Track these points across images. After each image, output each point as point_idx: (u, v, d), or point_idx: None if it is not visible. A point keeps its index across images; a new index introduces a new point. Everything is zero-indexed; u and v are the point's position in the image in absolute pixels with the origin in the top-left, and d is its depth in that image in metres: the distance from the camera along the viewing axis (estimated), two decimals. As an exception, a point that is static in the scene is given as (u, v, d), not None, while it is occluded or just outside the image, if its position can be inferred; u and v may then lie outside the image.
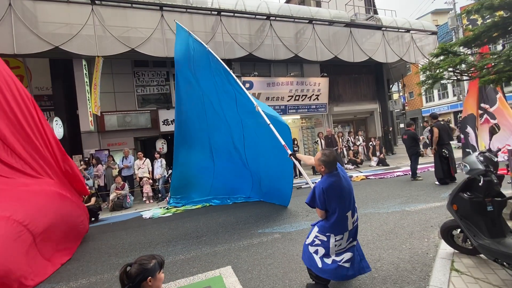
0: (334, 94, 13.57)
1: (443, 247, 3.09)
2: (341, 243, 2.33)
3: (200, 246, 4.05)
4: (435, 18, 27.04)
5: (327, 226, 2.31)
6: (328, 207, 2.28)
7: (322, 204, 2.27)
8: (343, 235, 2.32)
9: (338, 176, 2.31)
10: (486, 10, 4.03)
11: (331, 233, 2.30)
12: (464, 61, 4.70)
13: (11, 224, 3.16)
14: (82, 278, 3.37)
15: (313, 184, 2.47)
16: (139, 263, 1.48)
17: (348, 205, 2.32)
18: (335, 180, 2.28)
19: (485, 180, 2.36)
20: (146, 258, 1.52)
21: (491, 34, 4.18)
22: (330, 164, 2.32)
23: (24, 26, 7.58)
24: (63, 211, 4.17)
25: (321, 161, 2.33)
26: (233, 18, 10.19)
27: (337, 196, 2.26)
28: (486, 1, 4.00)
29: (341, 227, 2.30)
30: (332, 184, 2.26)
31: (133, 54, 8.93)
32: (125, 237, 4.88)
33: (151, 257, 1.53)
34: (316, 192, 2.29)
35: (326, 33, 11.71)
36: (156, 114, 10.60)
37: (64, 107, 9.91)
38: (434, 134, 6.36)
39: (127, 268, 1.46)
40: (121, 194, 7.40)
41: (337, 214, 2.25)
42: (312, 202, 2.35)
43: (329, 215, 2.31)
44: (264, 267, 3.16)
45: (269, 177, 6.00)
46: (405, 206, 4.97)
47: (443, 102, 26.93)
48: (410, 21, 13.80)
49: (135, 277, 1.44)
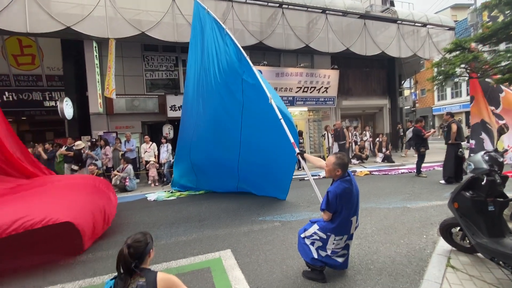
0: (343, 87, 13.36)
1: (441, 244, 3.12)
2: (339, 243, 2.40)
3: (202, 229, 4.17)
4: (455, 13, 26.06)
5: (330, 228, 2.37)
6: (338, 210, 2.33)
7: (333, 208, 2.33)
8: (343, 236, 2.38)
9: (350, 182, 2.36)
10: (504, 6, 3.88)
11: (332, 233, 2.37)
12: (477, 58, 4.56)
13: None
14: (88, 253, 3.52)
15: (313, 178, 2.52)
16: (140, 241, 1.57)
17: (354, 211, 2.38)
18: (348, 186, 2.33)
19: (488, 180, 2.35)
20: (141, 235, 1.62)
21: (509, 32, 4.03)
22: (346, 166, 2.37)
23: (37, 5, 7.61)
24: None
25: (336, 165, 2.35)
26: (245, 4, 10.01)
27: (347, 202, 2.32)
28: None
29: (343, 230, 2.37)
30: (345, 189, 2.31)
31: (143, 37, 8.91)
32: (130, 217, 5.04)
33: (143, 233, 1.64)
34: (330, 196, 2.32)
35: (339, 24, 11.43)
36: (164, 99, 10.66)
37: (74, 88, 10.05)
38: (452, 130, 6.27)
39: (129, 249, 1.51)
40: (120, 176, 7.53)
41: (342, 218, 2.32)
42: (327, 207, 2.34)
43: (334, 218, 2.36)
44: (262, 252, 3.25)
45: (268, 167, 5.44)
46: (407, 202, 4.97)
47: (455, 101, 26.25)
48: (427, 15, 13.31)
49: (141, 253, 1.54)
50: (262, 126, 4.82)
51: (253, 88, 4.55)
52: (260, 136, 5.01)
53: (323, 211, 2.38)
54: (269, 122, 4.42)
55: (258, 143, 5.17)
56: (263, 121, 4.69)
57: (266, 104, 4.14)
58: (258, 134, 5.05)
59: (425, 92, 29.32)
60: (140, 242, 1.56)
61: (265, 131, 4.82)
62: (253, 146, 5.27)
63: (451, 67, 4.82)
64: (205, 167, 6.34)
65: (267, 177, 5.61)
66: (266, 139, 4.94)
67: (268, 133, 4.76)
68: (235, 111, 5.12)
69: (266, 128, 4.69)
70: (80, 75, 10.10)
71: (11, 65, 11.17)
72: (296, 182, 7.66)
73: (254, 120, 4.95)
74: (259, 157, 5.31)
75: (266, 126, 4.67)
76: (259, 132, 5.00)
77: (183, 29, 9.00)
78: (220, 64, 5.05)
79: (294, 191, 6.41)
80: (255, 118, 4.90)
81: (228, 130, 5.40)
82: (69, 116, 9.17)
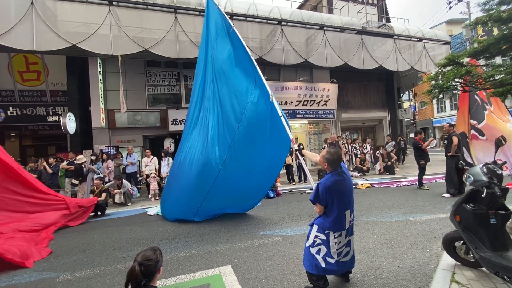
0: (343, 100, 13.53)
1: (445, 259, 3.06)
2: (340, 240, 2.37)
3: (202, 244, 4.11)
4: (450, 28, 26.70)
5: (326, 223, 2.36)
6: (329, 203, 2.32)
7: (323, 201, 2.33)
8: (341, 232, 2.36)
9: (342, 175, 2.36)
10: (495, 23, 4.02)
11: (330, 230, 2.35)
12: (470, 72, 4.67)
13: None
14: (86, 269, 3.47)
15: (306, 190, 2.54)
16: (151, 259, 1.56)
17: (348, 204, 2.37)
18: (339, 179, 2.34)
19: (488, 192, 2.35)
20: (151, 252, 1.61)
21: (501, 47, 4.14)
22: (334, 163, 2.38)
23: (44, 24, 7.89)
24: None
25: (325, 159, 2.40)
26: (245, 22, 10.33)
27: (339, 195, 2.33)
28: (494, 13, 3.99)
29: (339, 224, 2.35)
30: (336, 182, 2.33)
31: (146, 54, 9.16)
32: (130, 232, 4.99)
33: (153, 249, 1.63)
34: (320, 188, 2.35)
35: (337, 39, 11.73)
36: (166, 113, 10.81)
37: (77, 103, 10.22)
38: (454, 142, 6.27)
39: (141, 267, 1.50)
40: (122, 192, 7.55)
41: (337, 212, 2.31)
42: (316, 198, 2.39)
43: (328, 212, 2.36)
44: (263, 268, 3.19)
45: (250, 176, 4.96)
46: (409, 216, 4.91)
47: (455, 113, 26.26)
48: (422, 30, 13.68)
49: (151, 272, 1.54)
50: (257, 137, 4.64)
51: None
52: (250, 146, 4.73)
53: (314, 203, 2.41)
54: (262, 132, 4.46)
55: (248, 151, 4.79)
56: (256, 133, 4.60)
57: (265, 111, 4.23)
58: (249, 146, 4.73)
59: (424, 105, 29.59)
60: (151, 261, 1.56)
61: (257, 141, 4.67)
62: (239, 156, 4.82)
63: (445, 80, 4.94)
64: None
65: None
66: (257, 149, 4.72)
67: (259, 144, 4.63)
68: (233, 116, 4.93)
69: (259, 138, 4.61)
70: (83, 90, 10.30)
71: (16, 81, 11.42)
72: (297, 195, 7.63)
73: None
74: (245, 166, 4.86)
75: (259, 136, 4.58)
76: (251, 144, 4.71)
77: (185, 45, 9.26)
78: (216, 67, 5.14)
79: (295, 205, 6.37)
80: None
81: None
82: (71, 131, 9.27)
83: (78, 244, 4.45)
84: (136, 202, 7.92)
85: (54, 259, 3.90)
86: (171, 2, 9.24)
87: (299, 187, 9.04)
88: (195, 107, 5.64)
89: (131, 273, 1.49)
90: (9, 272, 3.50)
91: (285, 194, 7.90)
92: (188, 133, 5.61)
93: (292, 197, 7.39)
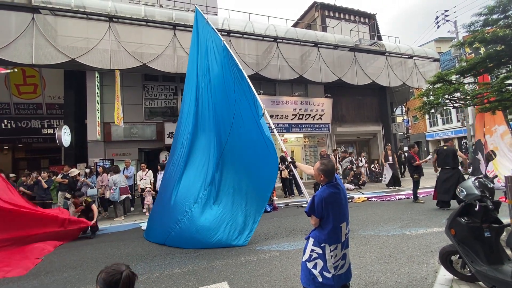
0: (337, 114, 13.78)
1: (442, 273, 3.06)
2: (336, 253, 2.35)
3: (197, 260, 4.04)
4: (438, 46, 27.79)
5: (322, 236, 2.35)
6: (325, 216, 2.33)
7: (319, 213, 2.33)
8: (336, 245, 2.35)
9: (337, 187, 2.38)
10: (480, 43, 4.24)
11: (326, 243, 2.33)
12: (458, 89, 4.85)
13: None
14: (78, 286, 3.36)
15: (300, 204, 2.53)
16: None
17: (343, 217, 2.37)
18: (334, 191, 2.35)
19: (480, 205, 2.40)
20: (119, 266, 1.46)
21: (487, 65, 4.34)
22: (329, 173, 2.40)
23: (44, 39, 8.02)
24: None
25: (320, 170, 2.41)
26: (242, 39, 10.65)
27: (335, 207, 2.33)
28: (479, 35, 4.21)
29: (334, 237, 2.34)
30: (331, 194, 2.34)
31: (144, 68, 9.31)
32: (123, 248, 4.87)
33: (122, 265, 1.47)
34: (315, 200, 2.35)
35: (331, 56, 12.11)
36: (162, 126, 10.83)
37: (73, 116, 10.21)
38: (433, 158, 6.39)
39: (134, 277, 1.41)
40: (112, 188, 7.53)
41: (332, 224, 2.31)
42: (311, 210, 2.39)
43: (323, 224, 2.35)
44: (260, 284, 3.14)
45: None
46: (406, 230, 4.92)
47: (447, 127, 27.04)
48: (413, 47, 14.24)
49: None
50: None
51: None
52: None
53: (309, 215, 2.40)
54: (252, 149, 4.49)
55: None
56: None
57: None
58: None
59: (417, 119, 30.22)
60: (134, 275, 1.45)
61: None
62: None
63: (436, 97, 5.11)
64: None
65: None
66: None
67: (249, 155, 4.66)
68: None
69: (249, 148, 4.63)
70: (79, 103, 10.32)
71: (12, 94, 11.41)
72: (293, 209, 7.59)
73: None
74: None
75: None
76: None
77: (183, 60, 9.45)
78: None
79: (292, 219, 6.33)
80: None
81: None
82: (66, 144, 9.20)
83: (70, 261, 4.33)
84: (130, 217, 7.77)
85: (44, 276, 3.77)
86: (170, 19, 9.51)
87: (295, 200, 9.00)
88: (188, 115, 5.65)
89: (129, 278, 1.38)
90: (-4, 291, 3.37)
91: (282, 208, 7.85)
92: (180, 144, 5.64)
93: (289, 211, 7.34)
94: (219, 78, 5.14)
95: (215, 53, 5.25)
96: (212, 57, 5.31)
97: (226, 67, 4.97)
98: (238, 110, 4.73)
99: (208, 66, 5.43)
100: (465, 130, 17.31)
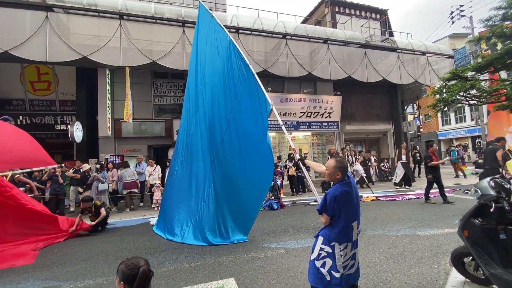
0: (346, 112, 13.57)
1: (453, 275, 2.98)
2: (346, 252, 2.31)
3: (205, 256, 4.07)
4: (453, 42, 26.99)
5: (332, 235, 2.31)
6: (336, 214, 2.29)
7: (331, 211, 2.29)
8: (347, 244, 2.31)
9: (350, 185, 2.34)
10: (498, 38, 4.06)
11: (336, 241, 2.30)
12: (475, 86, 4.67)
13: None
14: (88, 279, 3.44)
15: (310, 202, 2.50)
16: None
17: (355, 215, 2.33)
18: (347, 189, 2.31)
19: (496, 207, 2.31)
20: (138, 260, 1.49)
21: (505, 61, 4.16)
22: (345, 169, 2.37)
23: (57, 37, 8.20)
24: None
25: (338, 168, 2.35)
26: (251, 35, 10.59)
27: (347, 205, 2.29)
28: (497, 30, 4.04)
29: (346, 236, 2.30)
30: (344, 192, 2.30)
31: (153, 65, 9.39)
32: (132, 242, 4.96)
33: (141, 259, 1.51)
34: (328, 198, 2.31)
35: (341, 53, 11.91)
36: (171, 123, 10.94)
37: (85, 113, 10.43)
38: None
39: (150, 273, 1.44)
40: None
41: (343, 223, 2.27)
42: (323, 208, 2.35)
43: (334, 223, 2.32)
44: (267, 281, 3.14)
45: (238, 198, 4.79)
46: (416, 230, 4.82)
47: (460, 126, 26.25)
48: (426, 44, 13.83)
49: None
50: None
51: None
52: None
53: (321, 213, 2.36)
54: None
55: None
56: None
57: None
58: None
59: (429, 118, 29.48)
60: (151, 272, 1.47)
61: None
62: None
63: (450, 94, 4.95)
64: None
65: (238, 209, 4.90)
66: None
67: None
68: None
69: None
70: (91, 100, 10.53)
71: (27, 90, 11.74)
72: (301, 207, 7.55)
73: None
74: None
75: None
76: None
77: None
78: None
79: (299, 217, 6.30)
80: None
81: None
82: (78, 140, 9.41)
83: (81, 253, 4.44)
84: (139, 212, 7.91)
85: (57, 267, 3.89)
86: (179, 17, 9.55)
87: (303, 198, 8.96)
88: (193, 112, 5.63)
89: (146, 274, 1.40)
90: (13, 280, 3.50)
91: (289, 206, 7.83)
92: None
93: (296, 209, 7.32)
94: (219, 73, 5.04)
95: (217, 48, 5.17)
96: (215, 52, 5.22)
97: (229, 62, 4.86)
98: (237, 105, 4.63)
99: (204, 63, 5.41)
100: (479, 129, 16.77)
